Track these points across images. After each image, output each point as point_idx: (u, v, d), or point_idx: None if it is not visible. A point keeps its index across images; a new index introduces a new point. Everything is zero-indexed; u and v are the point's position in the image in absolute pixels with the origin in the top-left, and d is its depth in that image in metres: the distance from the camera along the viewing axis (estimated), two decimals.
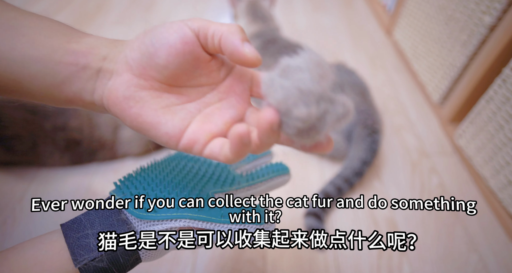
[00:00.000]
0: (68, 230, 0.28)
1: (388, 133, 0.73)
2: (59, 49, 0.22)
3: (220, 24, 0.21)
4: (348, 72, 0.73)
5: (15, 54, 0.21)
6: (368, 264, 0.50)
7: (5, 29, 0.21)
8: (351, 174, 0.58)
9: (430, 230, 0.55)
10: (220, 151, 0.22)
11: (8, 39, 0.21)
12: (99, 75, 0.22)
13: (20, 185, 0.61)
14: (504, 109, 0.54)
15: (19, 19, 0.22)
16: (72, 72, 0.22)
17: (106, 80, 0.22)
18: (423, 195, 0.61)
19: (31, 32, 0.22)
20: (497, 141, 0.56)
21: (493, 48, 0.58)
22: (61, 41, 0.22)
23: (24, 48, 0.21)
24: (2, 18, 0.22)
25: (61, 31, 0.23)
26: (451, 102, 0.71)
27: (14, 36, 0.21)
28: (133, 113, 0.22)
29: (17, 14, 0.23)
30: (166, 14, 1.22)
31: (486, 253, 0.52)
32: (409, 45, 0.90)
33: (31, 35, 0.22)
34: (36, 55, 0.21)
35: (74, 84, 0.22)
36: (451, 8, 0.71)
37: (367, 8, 1.26)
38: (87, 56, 0.22)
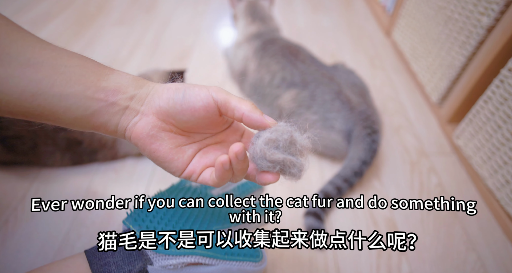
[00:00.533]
0: (92, 257, 0.32)
1: (387, 133, 0.74)
2: (91, 86, 0.26)
3: (239, 100, 0.27)
4: (347, 72, 0.73)
5: (54, 90, 0.25)
6: (367, 264, 0.51)
7: (47, 68, 0.25)
8: (351, 174, 0.58)
9: (429, 230, 0.55)
10: (209, 177, 0.28)
11: (49, 77, 0.25)
12: (126, 112, 0.27)
13: (21, 185, 0.61)
14: (502, 109, 0.54)
15: (58, 59, 0.26)
16: (101, 106, 0.26)
17: (131, 117, 0.27)
18: (422, 194, 0.61)
19: (67, 71, 0.26)
20: (495, 141, 0.56)
21: (491, 49, 0.59)
22: (92, 79, 0.26)
23: (61, 85, 0.25)
24: (46, 57, 0.26)
25: (92, 69, 0.27)
26: (449, 102, 0.72)
27: (54, 74, 0.25)
28: (152, 148, 0.28)
29: (57, 53, 0.27)
30: (166, 15, 1.22)
31: (484, 252, 0.52)
32: (408, 46, 0.91)
33: (68, 73, 0.26)
34: (71, 91, 0.25)
35: (102, 116, 0.27)
36: (449, 9, 0.71)
37: (366, 9, 1.26)
38: (116, 95, 0.27)
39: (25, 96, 0.25)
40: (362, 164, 0.58)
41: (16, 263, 0.50)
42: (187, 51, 1.02)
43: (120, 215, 0.57)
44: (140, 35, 1.09)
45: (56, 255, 0.51)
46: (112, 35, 1.09)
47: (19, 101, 0.25)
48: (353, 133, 0.61)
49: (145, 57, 0.98)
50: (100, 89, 0.26)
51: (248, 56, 0.79)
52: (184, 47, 1.03)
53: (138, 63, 0.96)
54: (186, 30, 1.13)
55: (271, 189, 0.62)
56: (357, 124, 0.61)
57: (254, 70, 0.76)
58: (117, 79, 0.27)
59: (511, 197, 0.53)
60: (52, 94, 0.25)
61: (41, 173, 0.63)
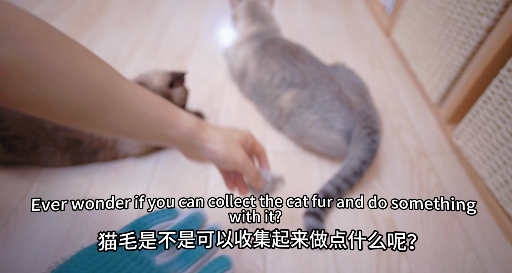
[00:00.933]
0: None
1: (387, 133, 0.74)
2: (161, 135, 0.35)
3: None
4: (347, 72, 0.73)
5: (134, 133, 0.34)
6: (367, 263, 0.51)
7: (129, 107, 0.32)
8: (351, 173, 0.58)
9: (428, 229, 0.56)
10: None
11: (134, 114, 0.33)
12: (195, 137, 0.37)
13: (22, 185, 0.62)
14: (501, 109, 0.55)
15: (134, 93, 0.33)
16: (183, 133, 0.36)
17: (201, 142, 0.37)
18: (422, 194, 0.61)
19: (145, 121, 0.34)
20: (494, 141, 0.56)
21: (490, 49, 0.59)
22: (166, 116, 0.35)
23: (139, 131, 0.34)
24: (133, 94, 0.33)
25: (162, 106, 0.35)
26: (449, 103, 0.72)
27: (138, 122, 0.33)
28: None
29: (140, 91, 0.34)
30: (166, 15, 1.22)
31: (483, 252, 0.53)
32: (408, 46, 0.91)
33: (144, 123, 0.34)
34: (150, 115, 0.34)
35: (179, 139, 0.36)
36: (449, 9, 0.71)
37: (366, 9, 1.26)
38: (179, 141, 0.36)
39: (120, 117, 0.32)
40: (362, 164, 0.59)
41: (17, 262, 0.50)
42: (187, 51, 1.02)
43: (121, 214, 0.57)
44: (140, 35, 1.09)
45: (57, 254, 0.51)
46: (112, 36, 1.09)
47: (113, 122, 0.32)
48: (353, 133, 0.61)
49: (145, 57, 0.99)
50: (168, 137, 0.35)
51: (248, 56, 0.79)
52: (184, 47, 1.04)
53: (138, 63, 0.96)
54: (186, 30, 1.13)
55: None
56: (357, 124, 0.61)
57: (254, 70, 0.76)
58: (180, 130, 0.35)
59: (510, 197, 0.53)
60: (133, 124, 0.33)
61: (41, 173, 0.64)
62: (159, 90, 0.60)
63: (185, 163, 0.67)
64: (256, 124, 0.76)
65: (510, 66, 0.52)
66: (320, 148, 0.66)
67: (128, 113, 0.32)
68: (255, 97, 0.79)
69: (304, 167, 0.66)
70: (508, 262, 0.51)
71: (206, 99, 0.83)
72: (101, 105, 0.30)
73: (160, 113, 0.34)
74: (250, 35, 0.82)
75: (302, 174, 0.65)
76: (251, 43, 0.80)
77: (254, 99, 0.79)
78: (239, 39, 0.84)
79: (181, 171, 0.65)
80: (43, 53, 0.26)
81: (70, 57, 0.28)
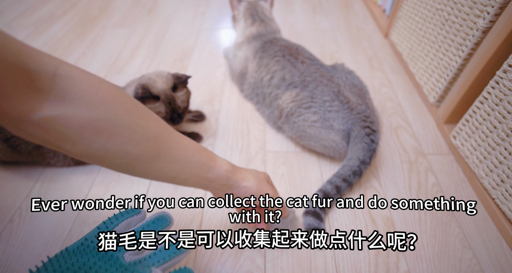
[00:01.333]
0: None
1: (386, 133, 0.75)
2: (202, 179, 0.40)
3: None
4: (346, 72, 0.74)
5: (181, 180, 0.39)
6: (366, 262, 0.51)
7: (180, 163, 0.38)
8: (350, 173, 0.59)
9: (426, 228, 0.56)
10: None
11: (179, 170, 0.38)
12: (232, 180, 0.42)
13: (25, 184, 0.62)
14: (497, 110, 0.55)
15: (181, 143, 0.39)
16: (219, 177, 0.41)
17: (235, 182, 0.43)
18: (420, 194, 0.62)
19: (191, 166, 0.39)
20: (491, 141, 0.57)
21: (486, 51, 0.60)
22: (206, 161, 0.40)
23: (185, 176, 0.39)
24: (176, 145, 0.38)
25: (203, 152, 0.41)
26: (446, 103, 0.73)
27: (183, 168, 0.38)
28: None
29: (186, 141, 0.39)
30: (167, 16, 1.23)
31: (480, 250, 0.53)
32: (406, 47, 0.92)
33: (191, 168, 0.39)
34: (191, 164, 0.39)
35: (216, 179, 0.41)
36: (446, 11, 0.72)
37: (365, 10, 1.27)
38: (214, 182, 0.41)
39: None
40: (361, 163, 0.59)
41: (21, 260, 0.51)
42: (188, 52, 1.03)
43: None
44: (141, 36, 1.10)
45: None
46: (114, 37, 1.10)
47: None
48: (352, 133, 0.62)
49: (147, 58, 1.00)
50: (207, 179, 0.40)
51: (248, 56, 0.80)
52: (185, 48, 1.05)
53: (140, 64, 0.97)
54: (187, 32, 1.14)
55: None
56: (356, 124, 0.62)
57: (254, 71, 0.77)
58: (218, 172, 0.41)
59: (506, 196, 0.54)
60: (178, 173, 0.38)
61: (44, 173, 0.65)
62: (163, 93, 0.60)
63: None
64: (256, 124, 0.77)
65: (506, 67, 0.53)
66: (320, 148, 0.66)
67: (176, 160, 0.37)
68: (255, 98, 0.80)
69: (303, 167, 0.67)
70: (504, 260, 0.52)
71: (206, 99, 0.84)
72: (157, 154, 0.35)
73: (202, 158, 0.39)
74: (250, 36, 0.82)
75: (301, 174, 0.66)
76: (251, 43, 0.81)
77: (254, 99, 0.80)
78: (239, 40, 0.85)
79: None
80: (115, 112, 0.32)
81: (135, 115, 0.34)
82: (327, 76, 0.68)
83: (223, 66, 0.96)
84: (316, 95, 0.65)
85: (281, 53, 0.73)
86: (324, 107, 0.64)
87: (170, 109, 0.60)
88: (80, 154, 0.33)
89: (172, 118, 0.61)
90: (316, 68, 0.70)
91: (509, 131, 0.53)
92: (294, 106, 0.66)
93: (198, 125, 0.77)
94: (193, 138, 0.72)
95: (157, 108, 0.59)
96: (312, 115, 0.64)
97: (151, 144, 0.35)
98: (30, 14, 1.22)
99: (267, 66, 0.74)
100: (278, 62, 0.72)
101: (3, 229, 0.55)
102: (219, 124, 0.77)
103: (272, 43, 0.77)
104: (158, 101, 0.59)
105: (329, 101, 0.64)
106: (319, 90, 0.65)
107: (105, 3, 1.32)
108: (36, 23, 1.17)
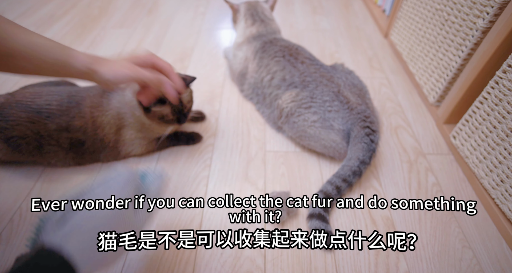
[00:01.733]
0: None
1: (385, 133, 0.75)
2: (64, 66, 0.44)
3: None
4: (346, 73, 0.74)
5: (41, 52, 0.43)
6: (366, 262, 0.51)
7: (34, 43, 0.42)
8: (350, 173, 0.59)
9: (426, 228, 0.56)
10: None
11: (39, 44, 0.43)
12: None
13: (26, 184, 0.62)
14: (497, 110, 0.55)
15: (39, 44, 0.43)
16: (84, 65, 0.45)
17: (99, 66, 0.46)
18: (420, 193, 0.62)
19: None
20: (490, 141, 0.57)
21: (486, 51, 0.60)
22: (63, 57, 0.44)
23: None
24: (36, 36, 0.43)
25: (61, 48, 0.45)
26: (446, 103, 0.73)
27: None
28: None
29: (39, 39, 0.43)
30: (167, 17, 1.23)
31: (480, 250, 0.53)
32: (406, 47, 0.92)
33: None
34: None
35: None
36: (446, 11, 0.72)
37: (365, 11, 1.28)
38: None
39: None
40: (360, 163, 0.59)
41: None
42: (188, 52, 1.03)
43: None
44: (141, 36, 1.10)
45: None
46: (114, 37, 1.10)
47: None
48: (352, 133, 0.62)
49: None
50: (70, 74, 0.45)
51: (248, 57, 0.80)
52: (185, 48, 1.05)
53: None
54: (187, 32, 1.14)
55: (270, 190, 0.63)
56: (356, 124, 0.62)
57: (254, 71, 0.77)
58: (77, 66, 0.44)
59: (506, 196, 0.54)
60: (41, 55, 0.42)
61: (45, 173, 0.65)
62: None
63: (185, 163, 0.68)
64: (256, 124, 0.77)
65: (505, 67, 0.53)
66: (320, 148, 0.66)
67: (31, 58, 0.42)
68: (255, 98, 0.80)
69: (303, 167, 0.67)
70: (504, 260, 0.52)
71: (206, 99, 0.84)
72: (8, 52, 0.40)
73: (57, 56, 0.43)
74: (250, 36, 0.82)
75: (301, 174, 0.66)
76: (251, 44, 0.81)
77: (254, 99, 0.80)
78: (239, 40, 0.85)
79: (181, 171, 0.66)
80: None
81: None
82: (327, 76, 0.68)
83: (223, 66, 0.96)
84: (316, 95, 0.65)
85: (281, 54, 0.74)
86: (324, 107, 0.64)
87: (178, 110, 0.60)
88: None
89: (178, 119, 0.61)
90: (316, 68, 0.70)
91: (509, 131, 0.53)
92: (294, 106, 0.66)
93: (198, 125, 0.77)
94: (193, 138, 0.72)
95: (163, 111, 0.59)
96: (312, 115, 0.64)
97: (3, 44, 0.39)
98: (30, 15, 1.22)
99: (267, 66, 0.74)
100: (278, 63, 0.72)
101: (3, 229, 0.55)
102: (219, 124, 0.77)
103: (272, 44, 0.77)
104: (164, 105, 0.59)
105: (329, 101, 0.64)
106: (319, 90, 0.66)
107: (105, 3, 1.32)
108: (36, 23, 1.17)
